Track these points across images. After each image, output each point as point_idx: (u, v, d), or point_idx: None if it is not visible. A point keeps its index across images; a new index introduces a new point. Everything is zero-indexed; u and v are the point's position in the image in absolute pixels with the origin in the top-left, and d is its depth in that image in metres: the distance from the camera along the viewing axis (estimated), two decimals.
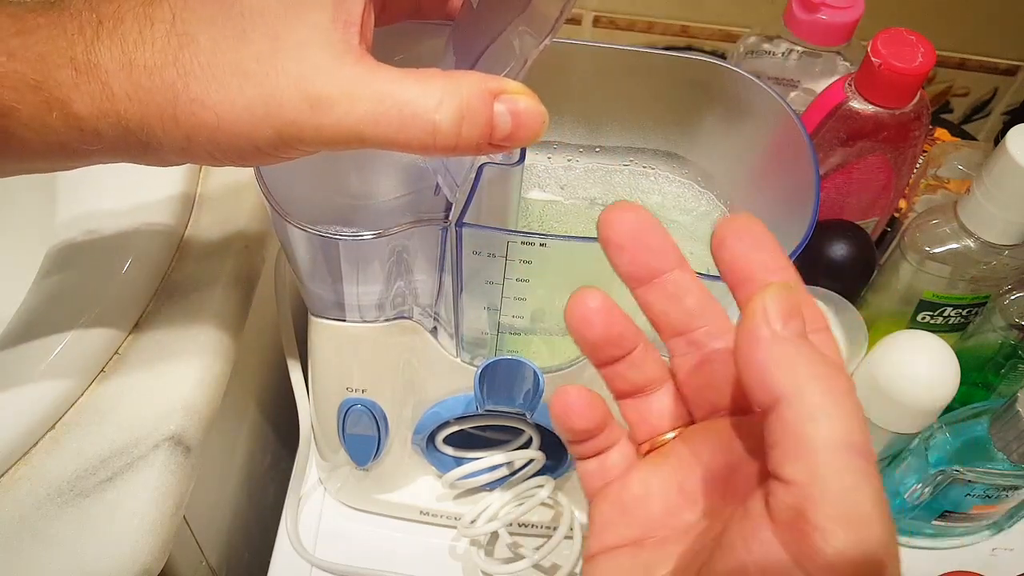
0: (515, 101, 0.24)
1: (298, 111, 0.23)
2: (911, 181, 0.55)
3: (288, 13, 0.23)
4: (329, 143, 0.24)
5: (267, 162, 0.26)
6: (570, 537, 0.46)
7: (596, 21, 0.62)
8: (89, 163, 0.26)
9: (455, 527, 0.47)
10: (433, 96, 0.23)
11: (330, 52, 0.23)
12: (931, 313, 0.49)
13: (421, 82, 0.23)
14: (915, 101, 0.45)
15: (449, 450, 0.45)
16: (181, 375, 0.38)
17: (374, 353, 0.39)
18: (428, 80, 0.23)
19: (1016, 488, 0.46)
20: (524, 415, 0.40)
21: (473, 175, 0.30)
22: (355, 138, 0.24)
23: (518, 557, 0.46)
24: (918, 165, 0.54)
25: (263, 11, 0.24)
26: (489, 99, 0.23)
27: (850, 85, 0.45)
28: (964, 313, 0.49)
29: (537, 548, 0.46)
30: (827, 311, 0.49)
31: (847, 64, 0.50)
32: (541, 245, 0.33)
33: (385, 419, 0.42)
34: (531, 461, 0.44)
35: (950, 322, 0.49)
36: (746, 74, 0.36)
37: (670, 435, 0.24)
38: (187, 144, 0.24)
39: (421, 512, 0.48)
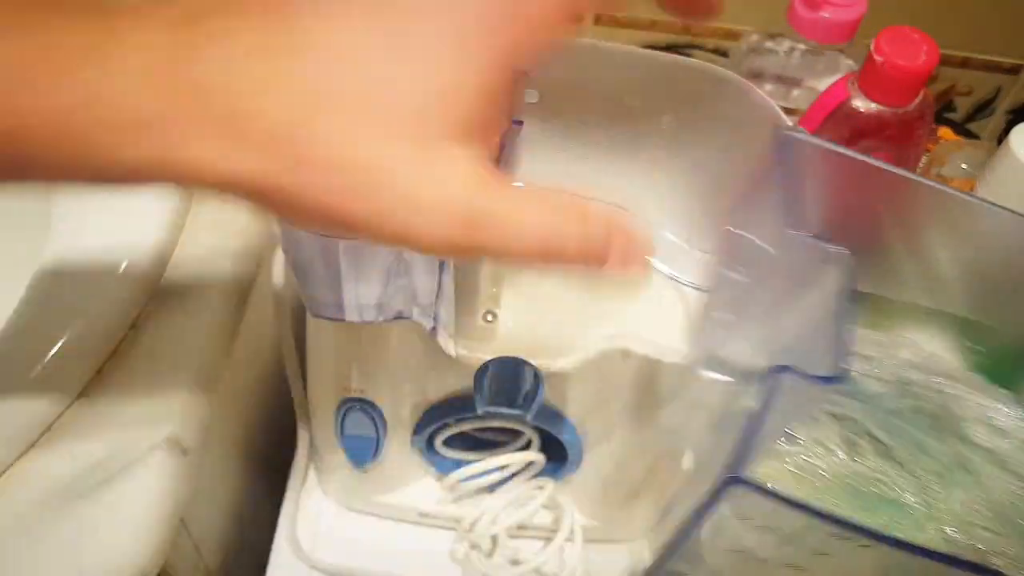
0: (630, 240, 0.25)
1: (448, 228, 0.22)
2: None
3: (433, 121, 0.22)
4: (462, 258, 0.26)
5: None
6: (571, 540, 0.46)
7: (597, 19, 0.62)
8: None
9: (455, 529, 0.47)
10: (569, 224, 0.24)
11: (480, 169, 0.22)
12: None
13: (558, 208, 0.24)
14: (918, 100, 0.44)
15: (448, 452, 0.45)
16: (178, 376, 0.38)
17: (373, 353, 0.39)
18: (563, 207, 0.24)
19: None
20: (524, 416, 0.40)
21: None
22: (493, 256, 0.24)
23: (519, 560, 0.46)
24: (921, 164, 0.54)
25: (405, 110, 0.21)
26: (610, 236, 0.25)
27: (853, 83, 0.45)
28: None
29: (538, 551, 0.46)
30: None
31: (850, 62, 0.49)
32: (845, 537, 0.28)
33: (384, 420, 0.42)
34: (531, 463, 0.44)
35: None
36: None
37: None
38: (285, 214, 0.23)
39: (420, 514, 0.48)
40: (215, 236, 0.43)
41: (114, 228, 0.40)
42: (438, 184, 0.21)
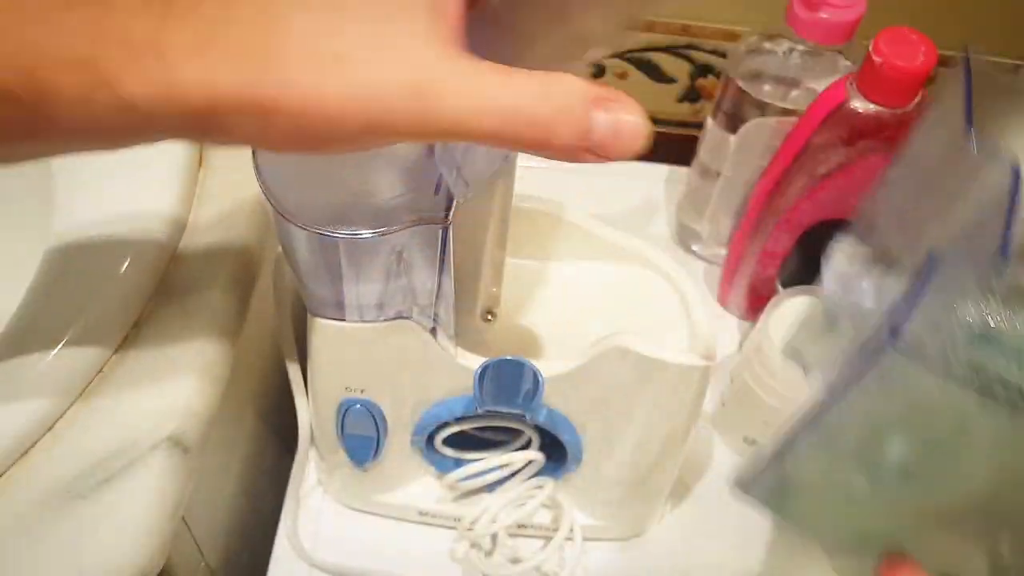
0: (618, 111, 0.24)
1: (400, 99, 0.23)
2: None
3: (388, 3, 0.23)
4: (422, 135, 0.24)
5: (345, 150, 0.25)
6: (571, 539, 0.46)
7: None
8: (130, 145, 0.25)
9: (455, 528, 0.47)
10: (535, 94, 0.23)
11: (434, 44, 0.23)
12: None
13: (524, 79, 0.24)
14: (917, 100, 0.44)
15: (448, 451, 0.45)
16: (179, 375, 0.38)
17: (373, 353, 0.39)
18: (531, 77, 0.24)
19: None
20: (524, 416, 0.40)
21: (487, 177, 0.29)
22: (452, 131, 0.24)
23: (518, 559, 0.46)
24: None
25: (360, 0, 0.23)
26: (588, 105, 0.23)
27: (851, 84, 0.45)
28: None
29: (538, 550, 0.46)
30: None
31: (848, 63, 0.49)
32: None
33: (384, 419, 0.42)
34: (531, 462, 0.44)
35: None
36: None
37: None
38: (261, 130, 0.23)
39: (420, 513, 0.48)
40: (216, 236, 0.43)
41: (115, 228, 0.40)
42: (394, 57, 0.23)
